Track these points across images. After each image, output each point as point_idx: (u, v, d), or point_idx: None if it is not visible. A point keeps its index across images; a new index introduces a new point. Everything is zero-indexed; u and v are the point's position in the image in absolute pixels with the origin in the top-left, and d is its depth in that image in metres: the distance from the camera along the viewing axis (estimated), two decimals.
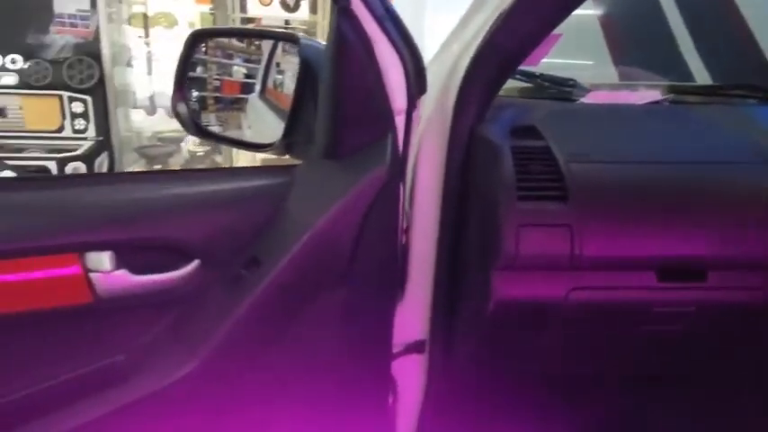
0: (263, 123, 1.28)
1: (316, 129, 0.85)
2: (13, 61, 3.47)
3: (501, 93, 1.08)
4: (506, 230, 0.92)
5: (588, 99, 1.29)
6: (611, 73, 1.74)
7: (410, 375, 1.16)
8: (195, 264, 0.74)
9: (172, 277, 0.73)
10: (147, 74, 4.13)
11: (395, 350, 1.09)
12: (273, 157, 1.08)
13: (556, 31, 0.97)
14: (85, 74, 3.55)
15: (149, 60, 4.09)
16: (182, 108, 0.99)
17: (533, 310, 0.95)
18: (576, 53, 1.68)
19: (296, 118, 0.93)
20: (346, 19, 0.78)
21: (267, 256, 0.76)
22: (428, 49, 1.10)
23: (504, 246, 0.93)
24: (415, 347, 1.15)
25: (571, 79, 1.32)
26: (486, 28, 0.94)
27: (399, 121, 0.91)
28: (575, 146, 0.99)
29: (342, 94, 0.81)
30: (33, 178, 2.99)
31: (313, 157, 0.86)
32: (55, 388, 0.67)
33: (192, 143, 4.12)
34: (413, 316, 1.11)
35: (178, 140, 4.08)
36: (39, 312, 0.63)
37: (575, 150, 0.97)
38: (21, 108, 3.55)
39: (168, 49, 4.06)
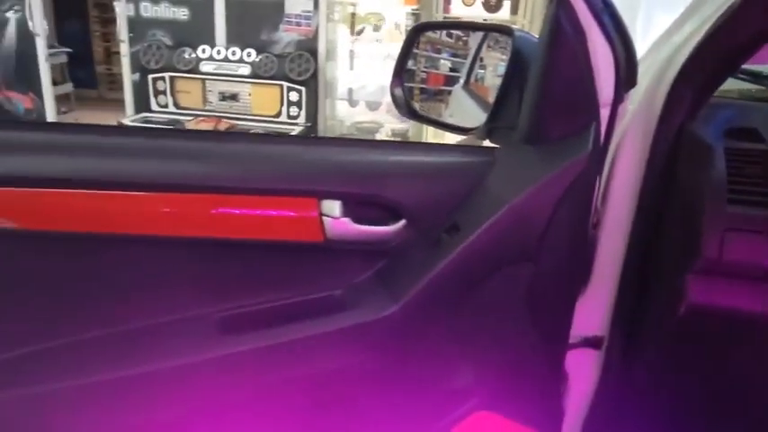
0: (464, 112, 1.36)
1: (520, 115, 0.91)
2: (249, 55, 4.07)
3: (718, 93, 1.02)
4: (710, 233, 0.88)
5: None
6: None
7: (583, 370, 1.16)
8: (402, 222, 0.85)
9: (383, 231, 0.85)
10: (350, 69, 4.52)
11: (571, 341, 1.10)
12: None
13: None
14: (303, 67, 4.04)
15: (352, 57, 4.47)
16: (398, 92, 1.12)
17: (730, 321, 0.90)
18: None
19: (500, 105, 0.99)
20: (563, 9, 0.82)
21: (466, 224, 0.84)
22: (639, 47, 1.09)
23: (705, 249, 0.89)
24: (593, 343, 1.14)
25: None
26: (710, 22, 0.91)
27: (604, 113, 0.93)
28: None
29: (550, 82, 0.85)
30: (294, 136, 3.48)
31: (514, 142, 0.92)
32: (280, 308, 0.83)
33: (384, 134, 4.41)
34: (594, 311, 1.11)
35: (373, 131, 4.40)
36: (282, 242, 0.80)
37: None
38: (250, 95, 4.16)
39: (370, 47, 4.39)
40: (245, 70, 4.12)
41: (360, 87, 4.53)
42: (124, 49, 4.16)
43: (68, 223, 0.70)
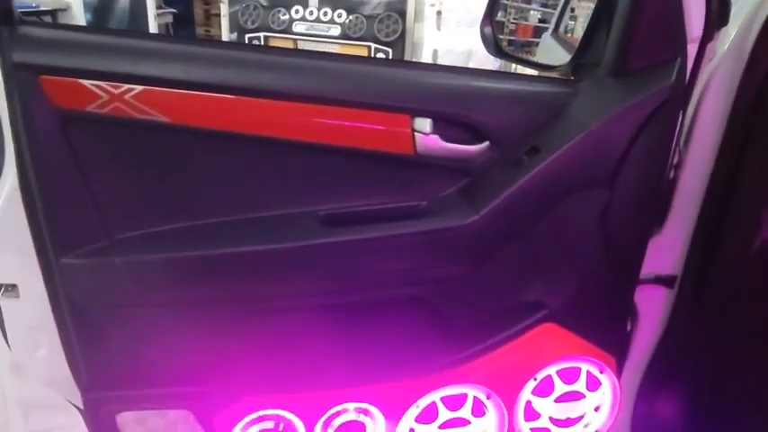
0: (552, 57, 1.40)
1: (606, 49, 0.95)
2: (339, 15, 4.19)
3: None
4: None
5: None
6: None
7: (654, 307, 1.20)
8: (486, 144, 0.93)
9: (468, 150, 0.93)
10: (437, 29, 4.52)
11: (644, 278, 1.14)
12: None
13: None
14: (391, 28, 4.11)
15: (439, 18, 4.46)
16: (488, 31, 1.18)
17: None
18: None
19: (587, 42, 1.03)
20: None
21: (546, 147, 0.91)
22: None
23: None
24: (666, 281, 1.18)
25: None
26: None
27: (692, 49, 0.95)
28: None
29: (637, 14, 0.89)
30: (396, 60, 3.56)
31: (599, 75, 0.96)
32: (373, 211, 0.94)
33: None
34: (669, 250, 1.14)
35: None
36: (376, 152, 0.90)
37: None
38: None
39: (457, 8, 4.36)
40: (336, 31, 4.24)
41: (446, 52, 4.53)
42: (224, 9, 4.39)
43: (210, 121, 0.84)
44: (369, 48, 4.19)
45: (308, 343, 0.97)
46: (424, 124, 0.91)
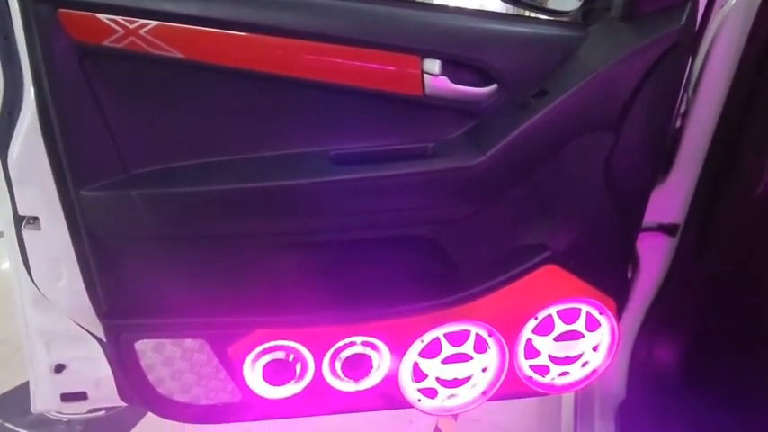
0: (564, 6, 1.38)
1: None
2: None
3: None
4: None
5: None
6: None
7: (655, 254, 1.23)
8: (494, 86, 0.94)
9: (476, 92, 0.94)
10: None
11: (647, 226, 1.16)
12: None
13: None
14: None
15: None
16: None
17: None
18: None
19: None
20: None
21: (553, 90, 0.92)
22: None
23: None
24: (668, 229, 1.20)
25: None
26: None
27: None
28: None
29: None
30: (405, 1, 3.59)
31: (609, 19, 0.96)
32: (381, 152, 0.95)
33: None
34: (673, 199, 1.16)
35: None
36: (386, 93, 0.91)
37: None
38: None
39: None
40: None
41: None
42: None
43: (222, 58, 0.86)
44: None
45: (318, 278, 1.00)
46: (433, 66, 0.92)
